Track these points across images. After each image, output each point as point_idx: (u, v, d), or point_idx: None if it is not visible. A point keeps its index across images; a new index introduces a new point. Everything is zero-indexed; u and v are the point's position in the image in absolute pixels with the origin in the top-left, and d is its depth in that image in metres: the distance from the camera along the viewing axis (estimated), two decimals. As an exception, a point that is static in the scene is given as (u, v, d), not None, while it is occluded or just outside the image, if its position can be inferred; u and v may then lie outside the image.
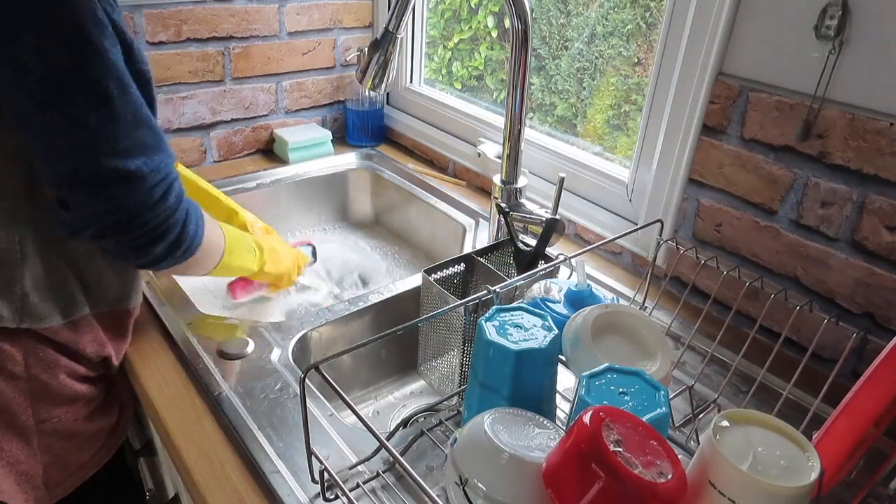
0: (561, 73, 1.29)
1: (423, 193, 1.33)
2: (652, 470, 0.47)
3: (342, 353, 0.60)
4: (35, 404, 0.76)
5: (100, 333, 0.79)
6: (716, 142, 0.90)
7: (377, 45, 0.92)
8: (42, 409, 0.77)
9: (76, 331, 0.76)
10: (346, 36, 1.49)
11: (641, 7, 1.13)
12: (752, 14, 0.82)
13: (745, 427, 0.51)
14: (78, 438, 0.82)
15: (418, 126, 1.49)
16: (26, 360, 0.73)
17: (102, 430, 0.85)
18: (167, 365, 0.83)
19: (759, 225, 0.88)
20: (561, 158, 1.18)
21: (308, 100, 1.49)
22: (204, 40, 1.28)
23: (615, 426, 0.50)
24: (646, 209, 1.02)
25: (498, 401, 0.62)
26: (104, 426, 0.85)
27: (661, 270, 1.00)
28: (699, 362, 0.85)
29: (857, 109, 0.75)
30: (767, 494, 0.46)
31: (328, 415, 0.74)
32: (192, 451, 0.70)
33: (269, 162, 1.42)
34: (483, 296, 0.71)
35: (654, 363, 0.66)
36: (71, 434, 0.81)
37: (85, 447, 0.83)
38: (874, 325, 0.79)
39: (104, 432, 0.85)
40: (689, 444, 0.71)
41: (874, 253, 0.78)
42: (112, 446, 0.87)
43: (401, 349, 1.00)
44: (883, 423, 0.59)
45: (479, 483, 0.52)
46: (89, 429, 0.83)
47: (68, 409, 0.79)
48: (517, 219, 0.95)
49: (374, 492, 0.65)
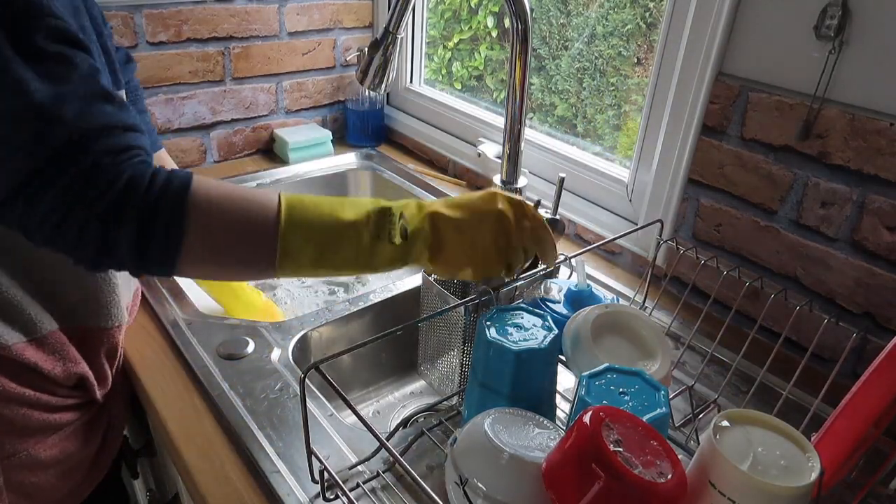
0: (561, 73, 1.29)
1: (423, 193, 1.33)
2: (652, 470, 0.47)
3: (342, 353, 0.60)
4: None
5: (74, 354, 0.72)
6: (716, 142, 0.90)
7: (377, 45, 0.92)
8: (6, 444, 0.69)
9: (40, 350, 0.69)
10: (346, 36, 1.49)
11: (641, 7, 1.13)
12: (751, 14, 0.82)
13: (745, 427, 0.51)
14: (54, 471, 0.74)
15: (418, 126, 1.49)
16: None
17: (84, 460, 0.78)
18: (167, 365, 0.82)
19: (759, 225, 0.88)
20: (561, 158, 1.18)
21: (308, 100, 1.49)
22: (204, 40, 1.28)
23: (615, 426, 0.50)
24: (646, 209, 1.02)
25: (498, 401, 0.62)
26: (85, 455, 0.78)
27: (661, 270, 1.00)
28: (699, 362, 0.85)
29: (857, 109, 0.75)
30: (767, 494, 0.46)
31: (328, 415, 0.74)
32: (192, 451, 0.70)
33: (269, 162, 1.42)
34: (483, 296, 0.71)
35: (654, 363, 0.66)
36: (44, 467, 0.73)
37: (63, 479, 0.76)
38: (874, 325, 0.79)
39: (86, 462, 0.78)
40: (689, 444, 0.71)
41: (874, 253, 0.78)
42: (96, 476, 0.81)
43: (401, 349, 1.00)
44: (883, 423, 0.59)
45: (479, 483, 0.52)
46: (68, 460, 0.75)
47: (38, 440, 0.71)
48: None
49: (374, 492, 0.65)
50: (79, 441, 0.77)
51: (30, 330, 0.68)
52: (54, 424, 0.73)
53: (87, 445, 0.78)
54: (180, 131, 1.32)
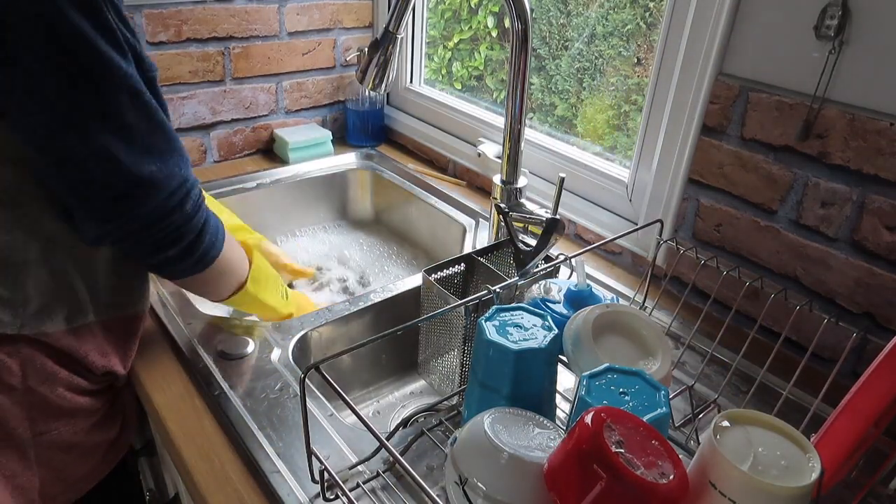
0: (561, 73, 1.29)
1: (423, 193, 1.33)
2: (654, 471, 0.47)
3: (342, 353, 0.60)
4: (33, 416, 0.73)
5: (104, 343, 0.77)
6: (716, 142, 0.90)
7: (377, 45, 0.92)
8: (40, 422, 0.74)
9: (78, 338, 0.74)
10: (346, 36, 1.49)
11: (641, 7, 1.13)
12: (751, 14, 0.82)
13: (746, 427, 0.51)
14: (77, 451, 0.79)
15: (418, 126, 1.49)
16: (24, 371, 0.71)
17: (102, 444, 0.83)
18: (167, 365, 0.83)
19: (759, 225, 0.88)
20: (561, 158, 1.18)
21: (308, 100, 1.49)
22: (204, 40, 1.28)
23: (617, 427, 0.50)
24: (646, 209, 1.02)
25: (498, 401, 0.62)
26: (105, 439, 0.83)
27: (661, 270, 1.00)
28: (699, 362, 0.85)
29: (857, 109, 0.75)
30: (768, 494, 0.46)
31: (328, 415, 0.74)
32: (192, 451, 0.70)
33: (269, 162, 1.42)
34: (483, 296, 0.71)
35: (654, 363, 0.66)
36: (70, 447, 0.78)
37: (84, 460, 0.81)
38: (874, 325, 0.79)
39: (104, 445, 0.83)
40: (688, 443, 0.71)
41: (874, 253, 0.78)
42: (112, 460, 0.85)
43: (401, 349, 1.00)
44: (883, 422, 0.59)
45: (479, 483, 0.52)
46: (89, 442, 0.80)
47: (67, 421, 0.77)
48: (517, 219, 0.95)
49: (374, 492, 0.65)
50: (102, 425, 0.81)
51: (71, 318, 0.73)
52: (85, 407, 0.78)
53: (108, 430, 0.83)
54: (180, 131, 1.32)
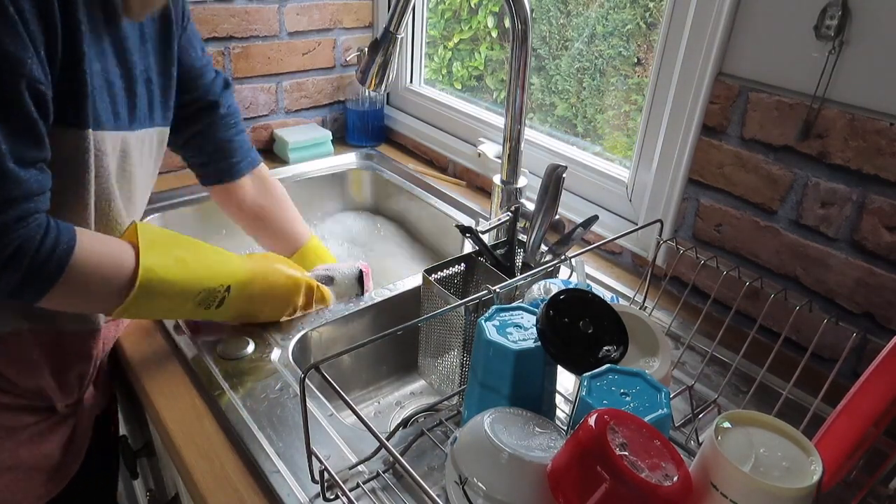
0: (561, 73, 1.29)
1: (423, 193, 1.33)
2: (657, 472, 0.47)
3: (342, 353, 0.60)
4: None
5: (35, 356, 0.71)
6: (716, 142, 0.90)
7: (377, 46, 0.92)
8: None
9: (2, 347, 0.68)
10: (346, 36, 1.48)
11: (641, 7, 1.13)
12: (751, 14, 0.82)
13: (747, 428, 0.51)
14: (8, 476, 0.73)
15: (418, 126, 1.49)
16: None
17: (38, 468, 0.75)
18: (167, 365, 0.82)
19: (759, 225, 0.88)
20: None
21: (308, 100, 1.49)
22: (204, 40, 1.28)
23: (620, 429, 0.50)
24: (646, 209, 1.02)
25: (498, 400, 0.62)
26: (41, 464, 0.75)
27: (661, 270, 1.00)
28: (699, 362, 0.85)
29: (857, 109, 0.75)
30: (770, 496, 0.46)
31: (328, 415, 0.74)
32: (192, 451, 0.70)
33: (269, 162, 1.41)
34: (483, 296, 0.71)
35: (654, 363, 0.66)
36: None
37: (14, 485, 0.73)
38: (874, 325, 0.79)
39: (43, 470, 0.75)
40: (689, 444, 0.71)
41: (874, 253, 0.78)
42: (59, 483, 0.78)
43: (401, 349, 1.00)
44: (883, 423, 0.59)
45: (479, 482, 0.52)
46: (18, 467, 0.73)
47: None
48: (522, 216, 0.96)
49: (374, 492, 0.65)
50: (33, 448, 0.74)
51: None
52: (5, 426, 0.71)
53: (41, 453, 0.75)
54: (180, 131, 1.32)
